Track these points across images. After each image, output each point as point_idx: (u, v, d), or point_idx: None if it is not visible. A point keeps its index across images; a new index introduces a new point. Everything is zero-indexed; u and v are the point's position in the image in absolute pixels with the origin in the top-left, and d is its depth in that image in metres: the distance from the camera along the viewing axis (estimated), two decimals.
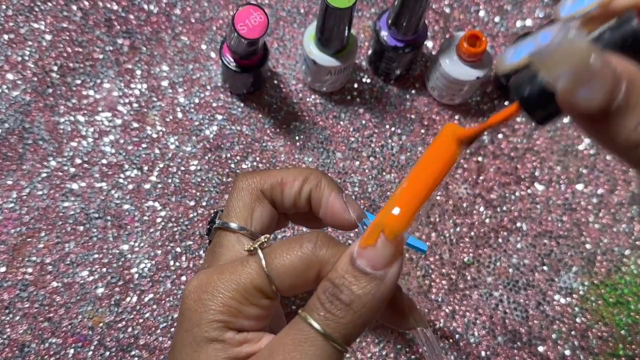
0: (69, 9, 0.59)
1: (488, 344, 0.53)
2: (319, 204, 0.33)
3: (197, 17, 0.60)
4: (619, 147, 0.21)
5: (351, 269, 0.26)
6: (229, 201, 0.33)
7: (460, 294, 0.54)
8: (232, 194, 0.33)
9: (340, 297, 0.26)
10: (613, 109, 0.20)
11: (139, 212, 0.54)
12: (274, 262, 0.28)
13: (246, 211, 0.32)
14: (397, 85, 0.60)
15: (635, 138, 0.21)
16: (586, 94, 0.20)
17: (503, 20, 0.62)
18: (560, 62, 0.19)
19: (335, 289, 0.26)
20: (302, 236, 0.28)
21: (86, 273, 0.53)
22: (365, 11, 0.62)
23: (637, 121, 0.20)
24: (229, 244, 0.31)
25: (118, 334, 0.51)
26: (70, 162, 0.55)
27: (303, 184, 0.32)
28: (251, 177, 0.33)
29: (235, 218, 0.32)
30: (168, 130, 0.57)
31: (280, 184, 0.32)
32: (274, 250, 0.28)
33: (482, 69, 0.54)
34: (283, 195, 0.33)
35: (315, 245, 0.28)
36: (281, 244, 0.28)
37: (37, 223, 0.53)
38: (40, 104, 0.56)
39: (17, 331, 0.51)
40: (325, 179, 0.33)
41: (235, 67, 0.53)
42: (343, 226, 0.33)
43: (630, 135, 0.20)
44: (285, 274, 0.27)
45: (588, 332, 0.54)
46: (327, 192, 0.33)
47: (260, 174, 0.33)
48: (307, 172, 0.33)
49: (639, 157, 0.21)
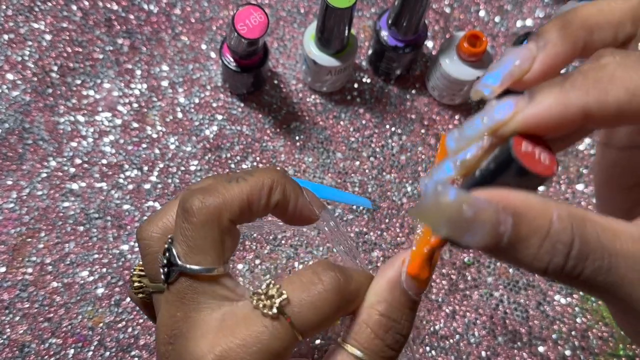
0: (68, 9, 0.59)
1: (488, 344, 0.53)
2: (285, 211, 0.30)
3: (197, 17, 0.60)
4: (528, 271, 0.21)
5: (405, 301, 0.26)
6: (190, 238, 0.26)
7: (461, 294, 0.54)
8: (191, 228, 0.26)
9: (402, 332, 0.26)
10: (505, 244, 0.20)
11: (139, 212, 0.54)
12: (303, 318, 0.25)
13: (216, 247, 0.27)
14: (397, 85, 0.60)
15: (539, 264, 0.20)
16: (471, 238, 0.20)
17: (503, 20, 0.62)
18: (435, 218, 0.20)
19: (396, 324, 0.26)
20: (320, 277, 0.26)
21: (86, 273, 0.53)
22: (366, 11, 0.62)
23: (535, 250, 0.20)
24: (206, 290, 0.26)
25: (118, 334, 0.51)
26: (70, 162, 0.55)
27: (269, 196, 0.28)
28: (211, 203, 0.26)
29: (205, 258, 0.26)
30: (168, 131, 0.57)
31: (247, 204, 0.27)
32: (297, 305, 0.25)
33: (482, 69, 0.54)
34: (250, 213, 0.28)
35: (340, 285, 0.26)
36: (299, 291, 0.26)
37: (37, 223, 0.53)
38: (40, 104, 0.56)
39: (17, 331, 0.51)
40: (289, 183, 0.29)
41: (235, 67, 0.53)
42: (305, 225, 0.31)
43: (532, 263, 0.20)
44: (315, 325, 0.26)
45: (588, 332, 0.54)
46: (293, 199, 0.29)
47: (220, 194, 0.27)
48: (270, 180, 0.28)
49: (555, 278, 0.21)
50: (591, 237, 0.20)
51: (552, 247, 0.20)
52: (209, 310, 0.26)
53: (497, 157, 0.22)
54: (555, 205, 0.21)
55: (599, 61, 0.22)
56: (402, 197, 0.56)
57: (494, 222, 0.20)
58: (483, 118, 0.23)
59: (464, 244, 0.20)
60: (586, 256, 0.20)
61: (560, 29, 0.24)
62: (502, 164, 0.21)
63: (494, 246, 0.20)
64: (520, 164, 0.21)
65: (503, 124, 0.22)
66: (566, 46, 0.24)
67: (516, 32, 0.62)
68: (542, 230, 0.20)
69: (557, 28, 0.24)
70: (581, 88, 0.21)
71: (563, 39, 0.24)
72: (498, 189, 0.21)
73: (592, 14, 0.24)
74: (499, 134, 0.22)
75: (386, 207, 0.56)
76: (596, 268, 0.20)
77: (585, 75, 0.21)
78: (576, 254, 0.20)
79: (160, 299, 0.28)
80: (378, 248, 0.55)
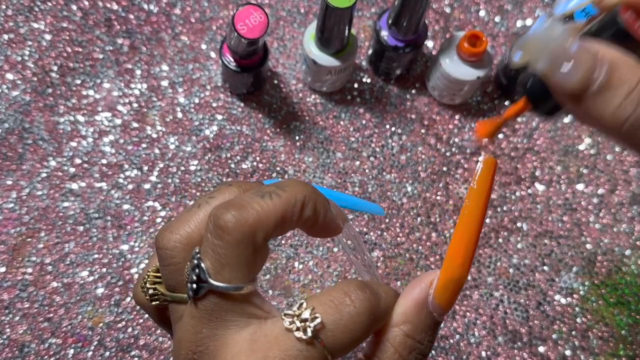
0: (68, 8, 0.59)
1: (488, 344, 0.53)
2: (314, 226, 0.29)
3: (197, 17, 0.60)
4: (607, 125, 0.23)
5: (430, 323, 0.26)
6: (223, 256, 0.25)
7: (461, 294, 0.54)
8: (225, 247, 0.25)
9: (424, 353, 0.26)
10: (595, 88, 0.22)
11: (138, 212, 0.54)
12: (337, 342, 0.25)
13: (249, 266, 0.26)
14: (397, 85, 0.60)
15: (620, 115, 0.22)
16: (565, 75, 0.22)
17: (503, 20, 0.62)
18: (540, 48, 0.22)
19: (420, 345, 0.26)
20: (351, 297, 0.25)
21: (86, 273, 0.53)
22: (366, 11, 0.62)
23: (621, 99, 0.22)
24: (235, 308, 0.26)
25: (118, 334, 0.51)
26: (70, 162, 0.55)
27: (302, 214, 0.27)
28: (246, 221, 0.25)
29: (237, 277, 0.26)
30: (168, 130, 0.57)
31: (281, 223, 0.26)
32: (332, 329, 0.25)
33: (482, 68, 0.54)
34: (282, 231, 0.27)
35: (372, 306, 0.25)
36: (333, 313, 0.25)
37: (36, 223, 0.53)
38: (40, 104, 0.56)
39: (17, 331, 0.51)
40: (319, 199, 0.28)
41: (235, 67, 0.53)
42: (328, 237, 0.30)
43: (615, 113, 0.22)
44: (348, 347, 0.25)
45: (589, 332, 0.54)
46: (322, 214, 0.28)
47: (255, 212, 0.26)
48: (302, 196, 0.27)
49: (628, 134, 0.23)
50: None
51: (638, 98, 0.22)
52: (237, 329, 0.26)
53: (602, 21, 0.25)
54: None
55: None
56: (402, 197, 0.56)
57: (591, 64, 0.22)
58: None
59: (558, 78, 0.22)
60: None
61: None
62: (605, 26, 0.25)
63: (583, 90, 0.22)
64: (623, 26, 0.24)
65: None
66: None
67: (516, 32, 0.62)
68: (632, 82, 0.22)
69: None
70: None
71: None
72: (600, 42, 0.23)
73: None
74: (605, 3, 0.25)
75: (386, 207, 0.56)
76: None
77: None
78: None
79: (180, 310, 0.28)
80: (378, 248, 0.55)
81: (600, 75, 0.22)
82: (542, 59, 0.22)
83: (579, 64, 0.22)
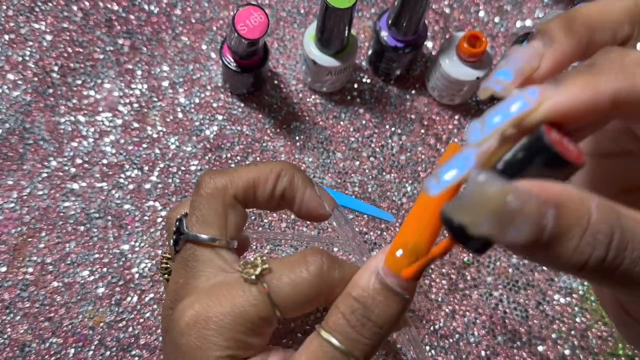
0: (69, 9, 0.59)
1: (488, 344, 0.53)
2: (293, 201, 0.31)
3: (197, 17, 0.60)
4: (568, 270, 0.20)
5: (381, 289, 0.26)
6: (197, 208, 0.29)
7: (460, 293, 0.54)
8: (199, 200, 0.29)
9: (371, 318, 0.25)
10: (546, 238, 0.19)
11: (139, 212, 0.54)
12: (280, 291, 0.26)
13: (219, 219, 0.29)
14: (397, 86, 0.60)
15: (578, 259, 0.19)
16: (514, 234, 0.19)
17: (503, 21, 0.62)
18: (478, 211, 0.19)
19: (366, 309, 0.25)
20: (306, 258, 0.27)
21: (87, 273, 0.53)
22: (365, 11, 0.62)
23: (576, 242, 0.19)
24: (206, 258, 0.29)
25: (118, 334, 0.51)
26: (70, 162, 0.55)
27: (276, 182, 0.30)
28: (219, 180, 0.29)
29: (209, 228, 0.29)
30: (168, 131, 0.57)
31: (252, 185, 0.30)
32: (278, 277, 0.26)
33: (482, 69, 0.54)
34: (256, 196, 0.30)
35: (323, 269, 0.26)
36: (284, 267, 0.27)
37: (37, 223, 0.53)
38: (41, 104, 0.56)
39: (17, 331, 0.51)
40: (298, 174, 0.31)
41: (236, 67, 0.53)
42: (316, 220, 0.32)
43: (572, 258, 0.19)
44: (292, 302, 0.26)
45: (588, 331, 0.54)
46: (301, 189, 0.31)
47: (229, 174, 0.30)
48: (279, 168, 0.30)
49: (592, 277, 0.20)
50: (628, 226, 0.20)
51: (594, 238, 0.19)
52: (204, 278, 0.28)
53: (526, 146, 0.21)
54: (590, 195, 0.20)
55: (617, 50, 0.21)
56: (402, 197, 0.57)
57: (538, 214, 0.19)
58: (508, 107, 0.22)
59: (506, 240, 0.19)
60: (625, 246, 0.20)
61: (565, 27, 0.23)
62: (532, 152, 0.20)
63: (535, 242, 0.19)
64: (556, 152, 0.20)
65: (529, 113, 0.21)
66: (572, 44, 0.23)
67: (516, 33, 0.62)
68: (583, 221, 0.19)
69: (562, 26, 0.23)
70: (610, 73, 0.20)
71: (569, 37, 0.23)
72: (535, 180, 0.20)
73: (593, 13, 0.24)
74: (525, 123, 0.21)
75: (386, 207, 0.56)
76: (635, 258, 0.20)
77: (612, 60, 0.21)
78: (617, 244, 0.19)
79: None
80: (378, 248, 0.55)
81: (549, 222, 0.19)
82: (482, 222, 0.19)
83: (524, 218, 0.18)
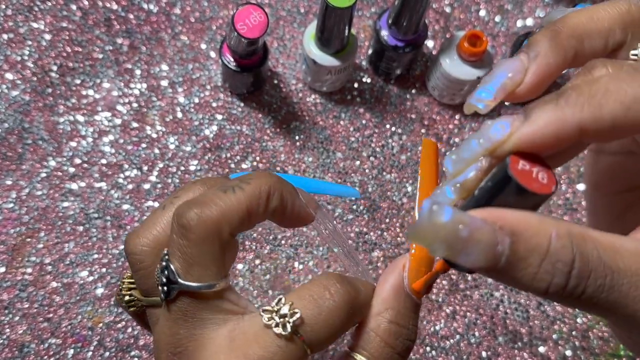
0: (68, 8, 0.59)
1: (489, 344, 0.53)
2: (283, 216, 0.28)
3: (196, 16, 0.60)
4: (533, 293, 0.20)
5: (411, 305, 0.26)
6: (188, 255, 0.25)
7: (461, 294, 0.54)
8: (189, 246, 0.25)
9: (410, 338, 0.26)
10: (503, 264, 0.19)
11: (138, 212, 0.54)
12: (316, 336, 0.25)
13: (217, 263, 0.25)
14: (397, 85, 0.60)
15: (537, 286, 0.20)
16: (467, 259, 0.19)
17: (504, 20, 0.62)
18: (431, 238, 0.19)
19: (404, 329, 0.26)
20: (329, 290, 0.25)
21: (86, 273, 0.53)
22: (366, 11, 0.62)
23: (535, 268, 0.20)
24: (210, 305, 0.25)
25: (117, 334, 0.51)
26: (69, 162, 0.55)
27: (268, 204, 0.27)
28: (209, 217, 0.25)
29: (206, 275, 0.25)
30: (168, 130, 0.57)
31: (247, 215, 0.26)
32: (311, 325, 0.25)
33: (482, 68, 0.54)
34: (249, 224, 0.27)
35: (349, 298, 0.25)
36: (313, 309, 0.25)
37: (36, 223, 0.53)
38: (40, 104, 0.56)
39: (16, 331, 0.51)
40: (285, 187, 0.28)
41: (235, 67, 0.53)
42: (300, 226, 0.30)
43: (534, 282, 0.20)
44: (327, 342, 0.25)
45: (589, 332, 0.54)
46: (290, 203, 0.28)
47: (217, 206, 0.25)
48: (267, 187, 0.27)
49: (558, 300, 0.20)
50: (591, 254, 0.20)
51: (552, 266, 0.19)
52: (214, 327, 0.25)
53: (494, 176, 0.22)
54: (554, 223, 0.20)
55: (591, 73, 0.21)
56: (402, 197, 0.56)
57: (490, 241, 0.19)
58: (479, 139, 0.22)
59: (461, 264, 0.20)
60: (588, 275, 0.20)
61: (550, 38, 0.23)
62: (499, 183, 0.21)
63: (491, 267, 0.20)
64: (517, 183, 0.20)
65: (500, 144, 0.22)
66: (557, 56, 0.23)
67: (516, 32, 0.62)
68: (541, 249, 0.20)
69: (548, 38, 0.23)
70: (576, 104, 0.21)
71: (554, 49, 0.23)
72: (494, 209, 0.20)
73: (581, 22, 0.24)
74: (497, 154, 0.22)
75: (386, 207, 0.56)
76: (598, 287, 0.20)
77: (579, 90, 0.21)
78: (577, 272, 0.20)
79: (156, 314, 0.28)
80: (378, 248, 0.55)
81: (504, 250, 0.19)
82: (437, 248, 0.19)
83: (476, 245, 0.19)
